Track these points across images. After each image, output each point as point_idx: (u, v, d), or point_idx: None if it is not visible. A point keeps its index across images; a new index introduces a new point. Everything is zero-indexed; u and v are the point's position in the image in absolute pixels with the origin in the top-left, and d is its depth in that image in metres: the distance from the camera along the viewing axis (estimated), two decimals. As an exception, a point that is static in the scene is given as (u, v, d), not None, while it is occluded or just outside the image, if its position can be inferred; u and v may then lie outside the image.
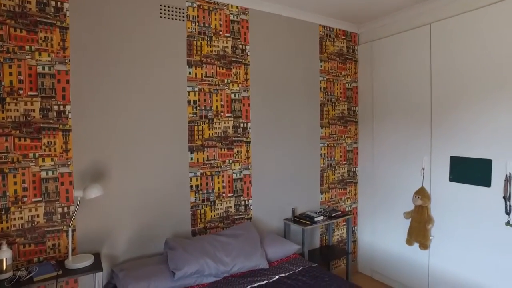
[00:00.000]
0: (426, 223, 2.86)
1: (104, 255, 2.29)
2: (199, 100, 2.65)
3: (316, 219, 2.96)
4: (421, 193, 2.89)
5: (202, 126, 2.67)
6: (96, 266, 2.03)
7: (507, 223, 2.39)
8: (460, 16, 2.67)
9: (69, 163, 2.16)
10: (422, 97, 2.96)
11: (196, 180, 2.65)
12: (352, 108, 3.63)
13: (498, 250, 2.47)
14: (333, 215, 3.13)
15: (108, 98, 2.28)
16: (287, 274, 2.35)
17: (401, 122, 3.16)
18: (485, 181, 2.50)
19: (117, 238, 2.33)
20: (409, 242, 3.03)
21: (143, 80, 2.41)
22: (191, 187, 2.62)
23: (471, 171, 2.59)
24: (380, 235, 3.39)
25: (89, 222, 2.24)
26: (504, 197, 2.40)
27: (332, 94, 3.46)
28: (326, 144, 3.42)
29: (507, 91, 2.40)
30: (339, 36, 3.50)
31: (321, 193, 3.41)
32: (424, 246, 2.90)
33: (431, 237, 2.88)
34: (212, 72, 2.72)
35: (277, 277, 2.31)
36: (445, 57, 2.78)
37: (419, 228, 2.92)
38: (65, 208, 2.17)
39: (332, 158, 3.48)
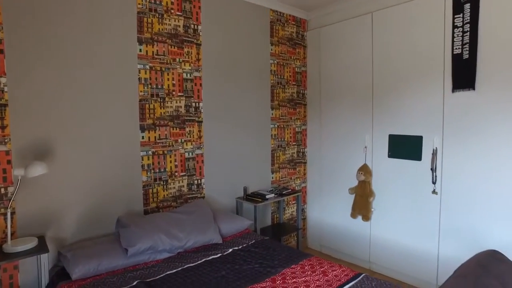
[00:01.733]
0: (368, 196, 3.12)
1: (50, 238, 2.18)
2: (150, 78, 2.60)
3: (267, 197, 3.07)
4: (364, 170, 3.14)
5: (154, 105, 2.63)
6: (40, 249, 1.93)
7: (433, 191, 2.71)
8: (397, 6, 2.91)
9: (6, 140, 2.01)
10: (364, 81, 3.19)
11: (148, 159, 2.61)
12: (301, 91, 3.79)
13: (425, 215, 2.79)
14: (283, 192, 3.27)
15: (51, 71, 2.14)
16: (240, 247, 2.44)
17: (346, 105, 3.37)
18: (417, 155, 2.80)
19: (64, 219, 2.23)
20: (353, 215, 3.28)
21: (90, 54, 2.29)
22: (142, 166, 2.58)
23: (406, 147, 2.88)
24: (328, 211, 3.62)
25: (32, 203, 2.11)
26: (432, 169, 2.71)
27: (282, 77, 3.57)
28: (276, 125, 3.54)
29: (433, 76, 2.68)
30: (289, 21, 3.61)
31: (272, 172, 3.53)
32: (366, 218, 3.17)
33: (372, 209, 3.15)
34: (164, 51, 2.67)
35: (230, 250, 2.38)
36: (385, 44, 3.01)
37: (362, 202, 3.17)
38: (2, 189, 2.02)
39: (282, 139, 3.62)
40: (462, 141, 2.56)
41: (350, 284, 1.87)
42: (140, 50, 2.54)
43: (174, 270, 2.06)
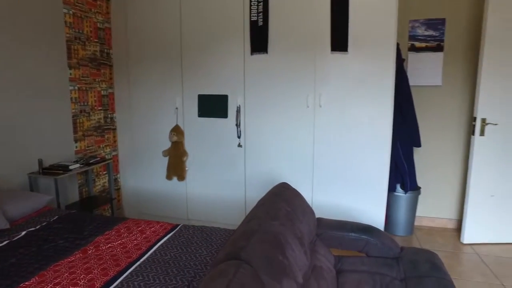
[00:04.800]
0: (181, 156, 3.20)
1: None
2: None
3: (71, 168, 2.68)
4: (176, 130, 3.18)
5: None
6: None
7: (238, 145, 3.06)
8: (201, -33, 2.98)
9: None
10: (174, 42, 3.15)
11: None
12: (106, 50, 3.40)
13: (233, 167, 3.14)
14: (90, 162, 2.93)
15: None
16: (38, 226, 2.04)
17: (155, 66, 3.26)
18: (224, 113, 3.06)
19: None
20: (168, 177, 3.31)
21: None
22: None
23: (213, 106, 3.09)
24: (143, 177, 3.50)
25: None
26: (236, 125, 3.03)
27: (81, 31, 3.09)
28: (77, 87, 3.08)
29: (235, 39, 2.95)
30: (84, -35, 3.11)
31: (76, 141, 3.09)
32: (181, 177, 3.26)
33: (186, 169, 3.27)
34: None
35: (24, 233, 1.96)
36: (192, 5, 3.04)
37: (176, 162, 3.23)
38: None
39: (86, 103, 3.19)
40: (259, 98, 2.97)
41: (169, 235, 1.89)
42: None
43: None
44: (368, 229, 1.98)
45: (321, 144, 2.89)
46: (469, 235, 3.04)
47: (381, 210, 2.85)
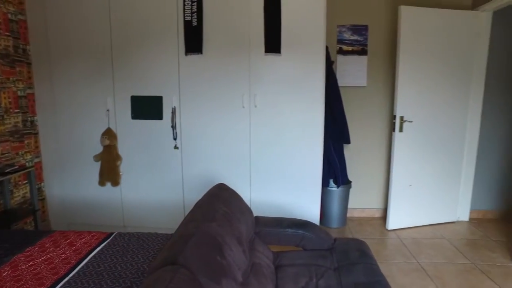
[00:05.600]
0: (115, 161, 3.03)
1: None
2: None
3: (-18, 178, 2.38)
4: (108, 133, 3.00)
5: None
6: None
7: (175, 147, 3.00)
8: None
9: None
10: (103, 42, 2.95)
11: None
12: (21, 46, 3.07)
13: (170, 170, 3.06)
14: (6, 171, 2.63)
15: None
16: None
17: (83, 64, 3.02)
18: (158, 115, 2.97)
19: None
20: (101, 183, 3.12)
21: None
22: None
23: (147, 107, 2.97)
24: (73, 185, 3.23)
25: None
26: (172, 126, 2.97)
27: (-11, 24, 2.75)
28: (-13, 87, 2.74)
29: (169, 39, 2.88)
30: (-8, -49, 2.77)
31: (-12, 148, 2.75)
32: (115, 182, 3.09)
33: (120, 173, 3.10)
34: None
35: None
36: (122, 5, 2.89)
37: (109, 167, 3.05)
38: None
39: (-1, 105, 2.85)
40: (195, 99, 2.94)
41: (102, 245, 1.79)
42: None
43: None
44: (303, 224, 2.07)
45: (258, 144, 2.95)
46: (392, 222, 3.35)
47: (316, 205, 3.00)
